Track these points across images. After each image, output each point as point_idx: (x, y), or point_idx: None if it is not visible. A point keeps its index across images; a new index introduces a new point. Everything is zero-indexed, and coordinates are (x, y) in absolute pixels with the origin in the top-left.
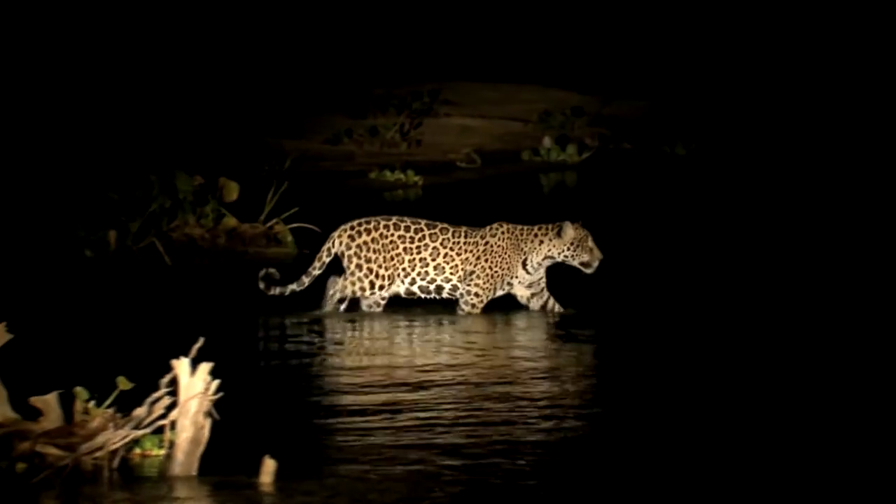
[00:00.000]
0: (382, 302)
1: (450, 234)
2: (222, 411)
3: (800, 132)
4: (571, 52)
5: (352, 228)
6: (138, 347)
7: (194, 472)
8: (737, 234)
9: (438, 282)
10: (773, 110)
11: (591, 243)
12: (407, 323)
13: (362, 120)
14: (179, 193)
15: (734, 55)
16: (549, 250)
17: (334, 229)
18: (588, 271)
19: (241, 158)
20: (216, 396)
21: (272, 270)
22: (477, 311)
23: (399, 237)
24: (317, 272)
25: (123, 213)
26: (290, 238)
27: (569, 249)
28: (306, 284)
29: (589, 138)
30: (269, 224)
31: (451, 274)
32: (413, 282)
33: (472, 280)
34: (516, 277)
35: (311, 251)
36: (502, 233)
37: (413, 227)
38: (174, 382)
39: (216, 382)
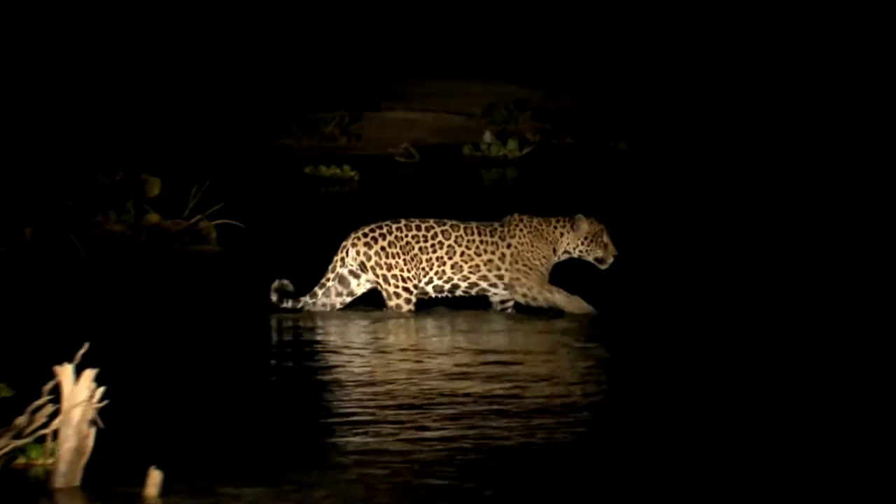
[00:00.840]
0: (411, 306)
1: (462, 231)
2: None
3: (746, 127)
4: (519, 46)
5: (365, 236)
6: (29, 350)
7: (77, 483)
8: (678, 229)
9: (455, 280)
10: (719, 105)
11: (606, 238)
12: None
13: (302, 114)
14: (100, 189)
15: (680, 50)
16: (567, 244)
17: (345, 238)
18: (602, 267)
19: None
20: (101, 404)
21: (285, 282)
22: (550, 300)
23: (413, 237)
24: (330, 284)
25: (44, 209)
26: (214, 235)
27: (583, 244)
28: (319, 296)
29: (530, 133)
30: (192, 220)
31: (471, 273)
32: (430, 281)
33: (517, 289)
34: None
35: (236, 248)
36: (520, 229)
37: (424, 227)
38: (58, 389)
39: (101, 390)
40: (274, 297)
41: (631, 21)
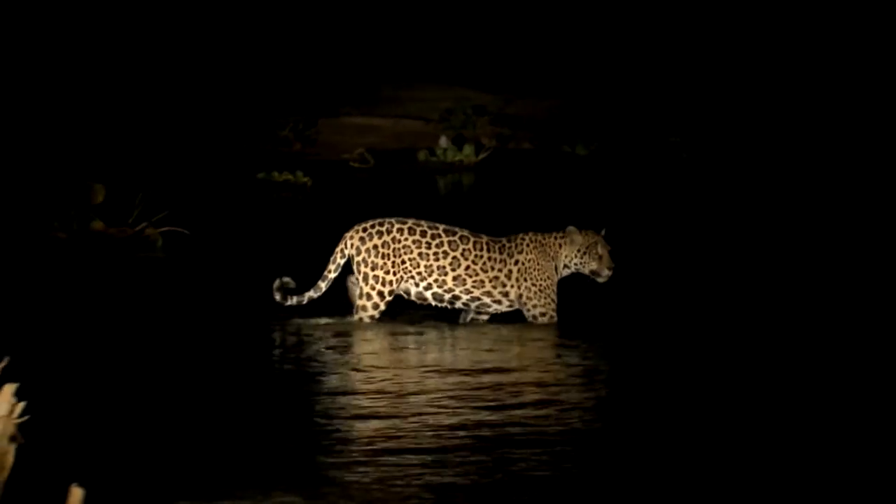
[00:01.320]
0: (376, 313)
1: (471, 245)
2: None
3: (702, 132)
4: (478, 51)
5: (363, 231)
6: None
7: None
8: (633, 235)
9: (456, 292)
10: (676, 110)
11: (600, 250)
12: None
13: (257, 119)
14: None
15: (638, 56)
16: (565, 257)
17: (343, 236)
18: (599, 280)
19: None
20: (21, 419)
21: (287, 280)
22: (554, 320)
23: (414, 241)
24: (332, 275)
25: None
26: (160, 242)
27: (577, 256)
28: (324, 289)
29: (486, 138)
30: (138, 228)
31: (474, 287)
32: (429, 287)
33: (527, 306)
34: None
35: (182, 255)
36: (527, 244)
37: (430, 233)
38: None
39: (21, 405)
40: (277, 296)
41: (589, 27)
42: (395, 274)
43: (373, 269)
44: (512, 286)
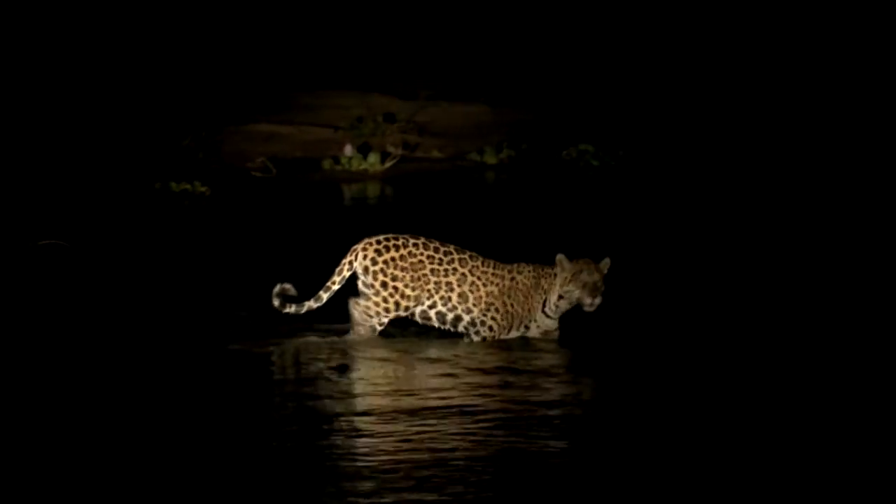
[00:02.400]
0: (380, 327)
1: (479, 263)
2: None
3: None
4: (392, 57)
5: (378, 243)
6: None
7: None
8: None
9: (459, 311)
10: (591, 115)
11: (585, 277)
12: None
13: (159, 127)
14: None
15: (558, 60)
16: (559, 286)
17: (352, 248)
18: (585, 308)
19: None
20: None
21: (287, 286)
22: (491, 338)
23: (428, 257)
24: (336, 287)
25: None
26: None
27: (564, 285)
28: (324, 300)
29: (392, 146)
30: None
31: (474, 305)
32: (434, 305)
33: (488, 313)
34: (535, 321)
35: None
36: (528, 271)
37: (442, 249)
38: None
39: None
40: (276, 302)
41: (504, 29)
42: (413, 290)
43: (393, 280)
44: (497, 298)
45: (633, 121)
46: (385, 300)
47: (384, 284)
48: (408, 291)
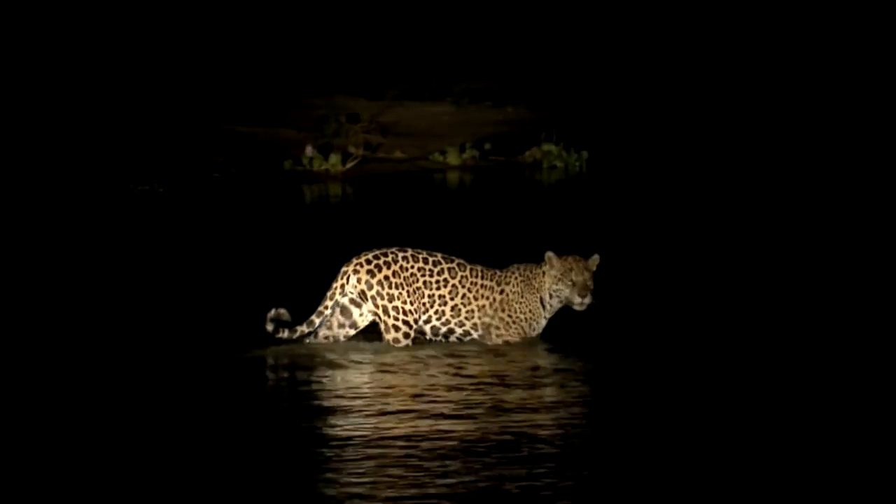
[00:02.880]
0: (408, 341)
1: (468, 272)
2: None
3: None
4: (363, 56)
5: (368, 263)
6: None
7: None
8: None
9: (452, 325)
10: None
11: (574, 276)
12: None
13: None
14: None
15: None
16: (549, 286)
17: (342, 271)
18: (575, 308)
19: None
20: None
21: (282, 311)
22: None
23: (419, 269)
24: (328, 312)
25: None
26: None
27: (554, 283)
28: (317, 325)
29: (354, 146)
30: None
31: (466, 319)
32: (428, 320)
33: (495, 333)
34: (543, 317)
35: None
36: (516, 278)
37: (431, 260)
38: None
39: None
40: (270, 327)
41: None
42: (412, 304)
43: (391, 301)
44: (488, 315)
45: (597, 122)
46: (396, 328)
47: (385, 310)
48: (408, 307)
